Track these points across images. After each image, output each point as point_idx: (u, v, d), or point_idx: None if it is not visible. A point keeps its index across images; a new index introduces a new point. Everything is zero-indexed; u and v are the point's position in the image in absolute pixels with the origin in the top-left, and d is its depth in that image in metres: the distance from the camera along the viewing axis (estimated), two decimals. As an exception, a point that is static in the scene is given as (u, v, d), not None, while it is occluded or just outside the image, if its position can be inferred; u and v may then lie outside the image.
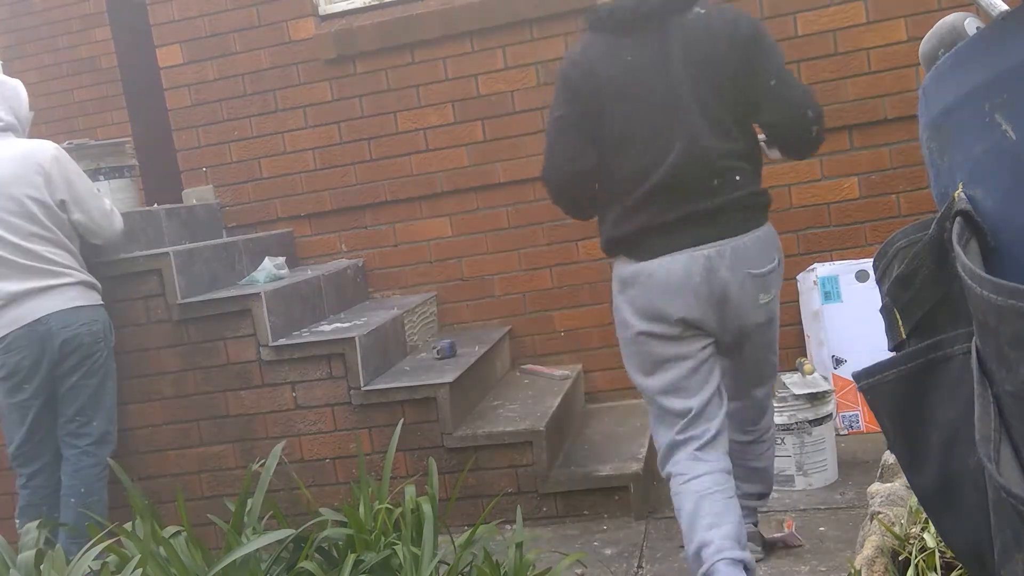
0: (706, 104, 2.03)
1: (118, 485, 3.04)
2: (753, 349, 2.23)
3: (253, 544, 2.01)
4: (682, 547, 2.61)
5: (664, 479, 2.21)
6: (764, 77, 2.04)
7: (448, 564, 2.14)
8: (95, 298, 2.97)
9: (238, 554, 1.98)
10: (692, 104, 2.03)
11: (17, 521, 2.91)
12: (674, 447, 2.13)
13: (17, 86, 2.99)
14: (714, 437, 2.12)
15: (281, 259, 3.63)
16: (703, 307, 2.07)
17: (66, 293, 2.86)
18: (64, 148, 3.02)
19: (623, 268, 2.15)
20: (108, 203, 3.04)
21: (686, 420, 2.11)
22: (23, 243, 2.80)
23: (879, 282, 0.79)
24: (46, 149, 2.87)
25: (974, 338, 0.65)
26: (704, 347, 2.13)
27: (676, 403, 2.12)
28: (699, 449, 2.10)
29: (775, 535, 2.52)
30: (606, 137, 2.09)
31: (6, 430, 2.96)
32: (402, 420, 2.75)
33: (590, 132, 2.10)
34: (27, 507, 2.93)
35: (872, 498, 2.02)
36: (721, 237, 2.06)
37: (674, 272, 2.06)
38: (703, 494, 2.04)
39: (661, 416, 2.17)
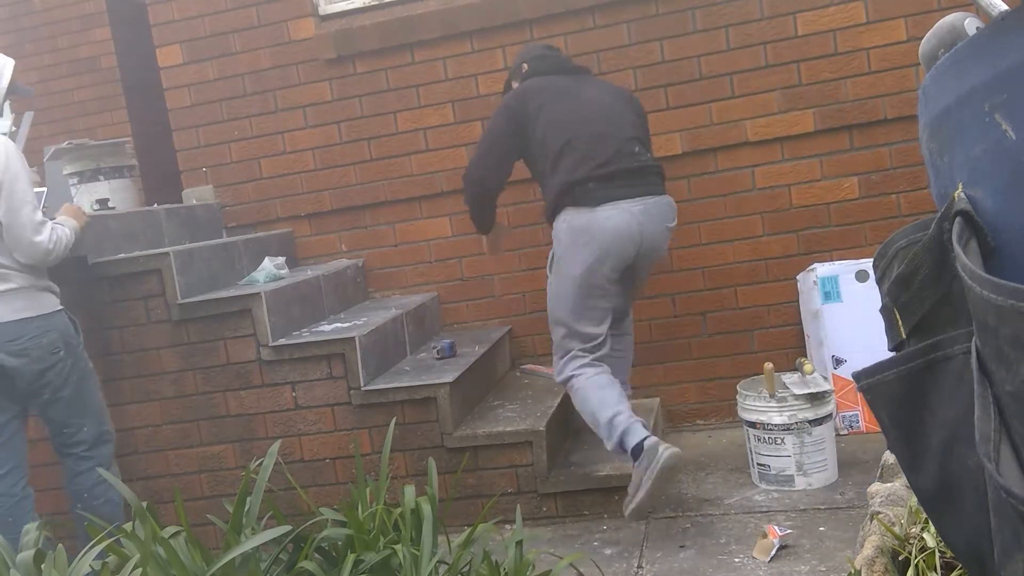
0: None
1: (124, 485, 3.04)
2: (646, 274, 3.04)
3: (251, 542, 2.00)
4: (682, 547, 2.63)
5: (564, 383, 2.88)
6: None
7: (448, 564, 2.14)
8: (47, 305, 2.70)
9: (236, 552, 1.97)
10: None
11: None
12: (577, 357, 2.83)
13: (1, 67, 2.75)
14: (605, 346, 2.87)
15: (281, 259, 3.63)
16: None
17: (12, 303, 2.61)
18: (64, 148, 2.98)
19: None
20: (40, 217, 2.66)
21: (595, 342, 2.84)
22: None
23: (879, 282, 0.79)
24: None
25: (974, 338, 0.65)
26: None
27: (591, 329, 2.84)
28: (597, 358, 2.84)
29: (771, 552, 2.49)
30: None
31: None
32: (395, 420, 2.74)
33: None
34: None
35: (872, 498, 2.02)
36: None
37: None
38: (605, 384, 2.78)
39: (572, 335, 2.85)
